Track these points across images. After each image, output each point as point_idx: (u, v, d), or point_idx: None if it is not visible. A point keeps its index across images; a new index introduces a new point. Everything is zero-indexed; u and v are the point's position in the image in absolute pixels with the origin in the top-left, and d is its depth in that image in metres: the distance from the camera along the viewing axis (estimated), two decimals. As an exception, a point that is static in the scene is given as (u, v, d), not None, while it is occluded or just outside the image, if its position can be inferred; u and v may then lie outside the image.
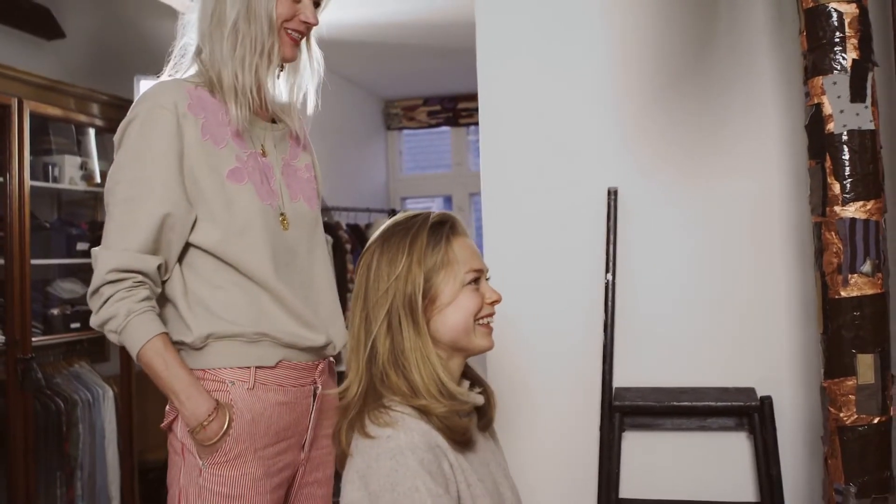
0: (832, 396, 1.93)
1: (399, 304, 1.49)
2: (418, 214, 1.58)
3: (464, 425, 1.50)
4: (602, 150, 2.61)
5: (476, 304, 1.54)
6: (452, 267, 1.52)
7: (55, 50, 4.33)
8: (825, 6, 1.91)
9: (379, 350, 1.50)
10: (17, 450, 3.59)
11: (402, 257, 1.50)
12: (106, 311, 1.66)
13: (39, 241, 3.84)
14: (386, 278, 1.51)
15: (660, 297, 2.55)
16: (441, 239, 1.53)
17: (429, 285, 1.51)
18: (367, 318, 1.52)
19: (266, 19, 1.74)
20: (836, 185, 1.91)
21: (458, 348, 1.56)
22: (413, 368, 1.48)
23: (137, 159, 1.70)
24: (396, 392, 1.48)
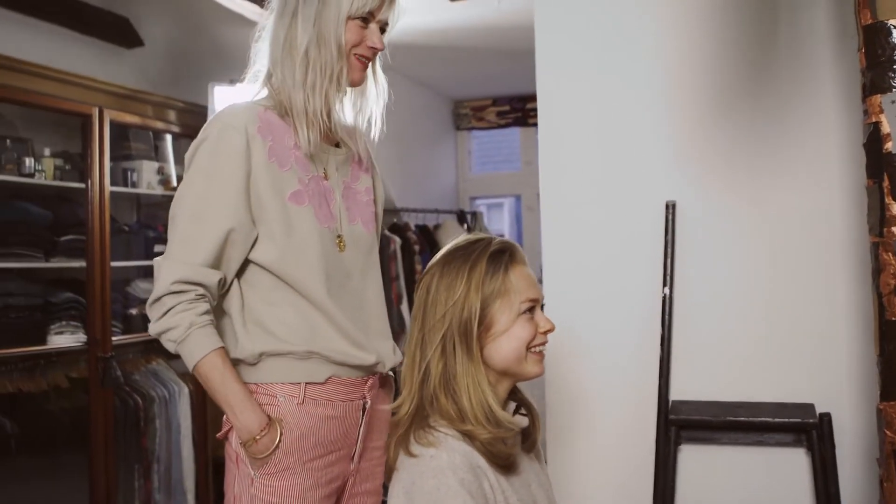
0: (888, 419, 1.90)
1: (455, 329, 1.53)
2: (480, 240, 1.61)
3: (507, 451, 1.54)
4: (660, 163, 2.61)
5: (530, 334, 1.57)
6: (509, 296, 1.55)
7: (134, 58, 4.49)
8: (884, 23, 1.88)
9: (432, 372, 1.54)
10: (98, 444, 3.75)
11: (461, 283, 1.54)
12: (167, 321, 1.72)
13: (120, 244, 3.99)
14: (444, 303, 1.54)
15: (717, 311, 2.54)
16: (500, 267, 1.56)
17: (485, 313, 1.54)
18: (423, 340, 1.57)
19: (335, 45, 1.79)
20: (893, 205, 1.88)
21: (509, 374, 1.60)
22: (463, 393, 1.52)
23: (207, 177, 1.77)
24: (444, 415, 1.52)
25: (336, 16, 1.78)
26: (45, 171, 3.71)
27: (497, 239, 1.61)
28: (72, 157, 3.88)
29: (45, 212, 3.74)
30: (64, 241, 3.79)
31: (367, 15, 1.81)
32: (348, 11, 1.78)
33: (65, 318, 3.76)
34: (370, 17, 1.82)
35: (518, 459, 1.61)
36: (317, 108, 1.81)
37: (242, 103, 1.87)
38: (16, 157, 3.61)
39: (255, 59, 1.93)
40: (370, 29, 1.83)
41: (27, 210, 3.68)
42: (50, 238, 3.75)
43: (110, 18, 4.32)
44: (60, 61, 3.83)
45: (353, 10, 1.78)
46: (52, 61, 3.74)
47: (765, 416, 2.38)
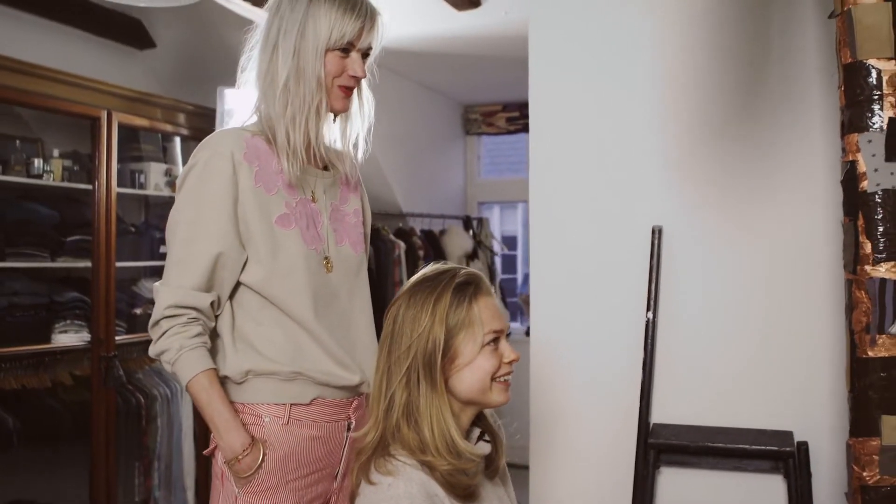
0: (857, 455, 1.93)
1: (419, 360, 1.56)
2: (446, 271, 1.63)
3: (466, 482, 1.57)
4: (648, 188, 2.63)
5: (494, 365, 1.60)
6: (473, 328, 1.58)
7: (146, 59, 4.55)
8: (863, 63, 1.90)
9: (396, 402, 1.58)
10: (100, 441, 3.81)
11: (426, 315, 1.57)
12: (162, 344, 1.79)
13: (126, 245, 4.05)
14: (409, 334, 1.57)
15: (700, 337, 2.57)
16: (465, 299, 1.58)
17: (449, 344, 1.57)
18: (389, 371, 1.60)
19: (314, 79, 1.82)
20: (867, 243, 1.90)
21: (473, 403, 1.63)
22: (425, 424, 1.55)
23: (196, 203, 1.82)
24: (405, 445, 1.56)
25: (314, 49, 1.81)
26: (54, 172, 3.77)
27: (463, 270, 1.64)
28: (81, 157, 3.94)
29: (52, 212, 3.81)
30: (70, 241, 3.86)
31: (347, 45, 1.83)
32: (326, 44, 1.81)
33: (69, 318, 3.83)
34: (350, 46, 1.84)
35: (480, 488, 1.64)
36: (297, 141, 1.84)
37: (230, 129, 1.92)
38: (25, 158, 3.68)
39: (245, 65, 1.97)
40: (351, 58, 1.85)
41: (35, 210, 3.75)
42: (56, 238, 3.82)
43: (123, 20, 4.38)
44: (73, 63, 3.90)
45: (331, 42, 1.81)
46: (66, 63, 3.80)
47: (743, 442, 2.41)
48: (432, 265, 1.68)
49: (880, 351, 1.88)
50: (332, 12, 1.80)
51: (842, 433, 2.40)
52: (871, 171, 1.89)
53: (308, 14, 1.81)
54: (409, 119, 5.53)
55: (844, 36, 1.93)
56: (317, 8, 1.81)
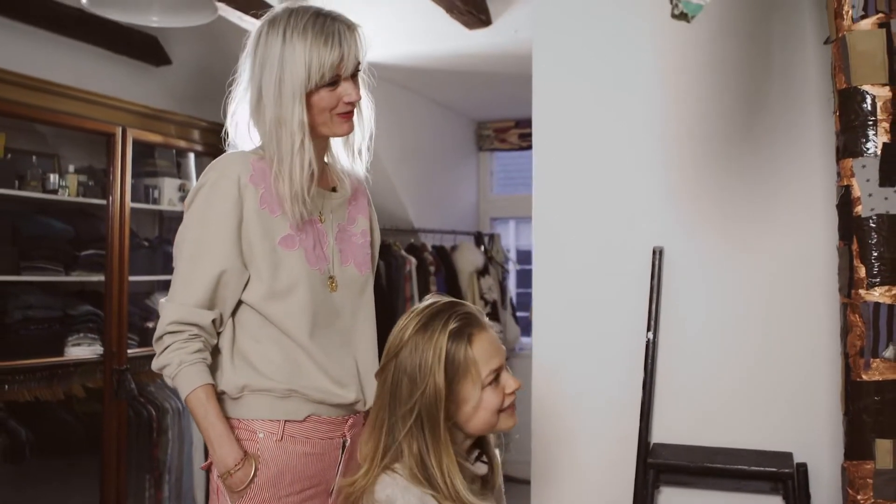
0: (851, 478, 1.94)
1: (423, 414, 1.57)
2: (438, 314, 1.63)
3: None
4: (649, 210, 2.66)
5: (498, 401, 1.62)
6: (472, 372, 1.59)
7: (162, 76, 4.62)
8: (858, 88, 1.92)
9: (405, 454, 1.59)
10: (111, 453, 3.86)
11: (427, 371, 1.58)
12: (164, 358, 1.84)
13: (140, 259, 4.10)
14: (409, 392, 1.59)
15: (700, 357, 2.58)
16: (462, 345, 1.59)
17: (453, 393, 1.59)
18: (393, 426, 1.61)
19: (296, 123, 1.83)
20: (861, 268, 1.91)
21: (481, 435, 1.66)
22: (437, 474, 1.56)
23: (202, 223, 1.87)
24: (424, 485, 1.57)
25: (292, 96, 1.81)
26: (69, 187, 3.84)
27: (458, 311, 1.64)
28: (96, 172, 4.00)
29: (66, 227, 3.87)
30: (84, 255, 3.91)
31: (332, 79, 1.84)
32: (306, 87, 1.82)
33: (83, 331, 3.88)
34: (336, 78, 1.85)
35: None
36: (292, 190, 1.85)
37: (237, 153, 1.95)
38: (41, 174, 3.75)
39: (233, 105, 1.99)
40: (342, 87, 1.86)
41: (50, 225, 3.81)
42: (71, 252, 3.87)
43: (140, 38, 4.45)
44: (90, 79, 3.97)
45: (311, 84, 1.82)
46: (82, 79, 3.87)
47: (743, 463, 2.41)
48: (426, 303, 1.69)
49: (874, 375, 1.89)
50: (305, 52, 1.80)
51: (840, 455, 2.40)
52: (866, 196, 1.91)
53: (283, 59, 1.81)
54: (421, 135, 5.57)
55: (839, 62, 1.95)
56: (291, 50, 1.80)
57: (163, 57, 4.59)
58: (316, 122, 1.88)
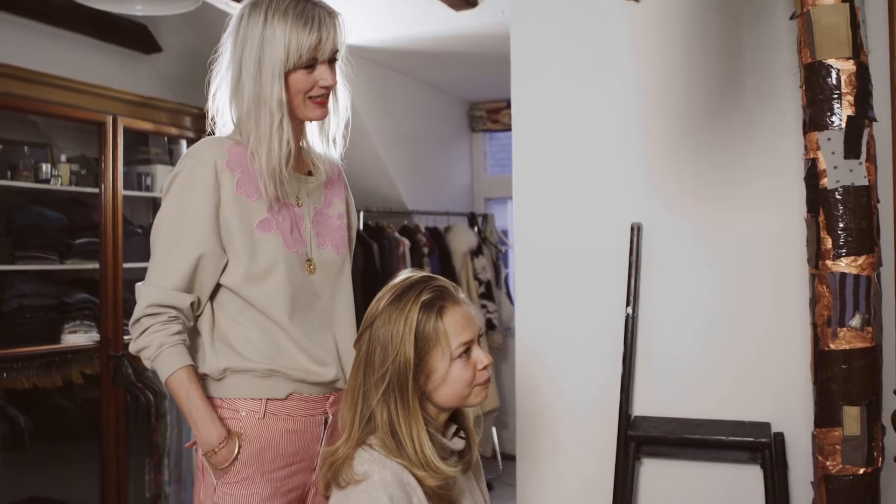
0: (821, 445, 1.98)
1: (394, 383, 1.62)
2: (412, 286, 1.67)
3: (450, 494, 1.64)
4: (628, 187, 2.69)
5: (469, 376, 1.66)
6: (442, 344, 1.63)
7: (152, 64, 4.64)
8: (823, 63, 1.95)
9: (378, 420, 1.63)
10: (110, 438, 3.92)
11: (398, 341, 1.62)
12: (143, 341, 1.87)
13: (134, 246, 4.13)
14: (381, 360, 1.63)
15: (680, 331, 2.62)
16: (432, 316, 1.63)
17: (422, 364, 1.63)
18: (366, 393, 1.65)
19: (275, 102, 1.87)
20: (828, 239, 1.95)
21: (453, 408, 1.70)
22: (407, 442, 1.61)
23: (179, 208, 1.90)
24: (393, 453, 1.61)
25: (271, 74, 1.85)
26: (61, 177, 3.88)
27: (431, 284, 1.67)
28: (88, 161, 4.05)
29: (60, 216, 3.91)
30: (78, 243, 3.96)
31: (309, 61, 1.87)
32: (284, 67, 1.85)
33: (79, 318, 3.93)
34: (313, 62, 1.88)
35: (457, 493, 1.70)
36: (273, 164, 1.89)
37: (214, 138, 1.98)
38: (33, 164, 3.79)
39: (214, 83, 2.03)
40: (318, 71, 1.90)
41: (43, 214, 3.85)
42: (65, 241, 3.92)
43: (130, 26, 4.48)
44: (81, 69, 3.99)
45: (289, 64, 1.85)
46: (73, 69, 3.90)
47: (721, 434, 2.46)
48: (402, 276, 1.73)
49: (841, 343, 1.93)
50: (285, 34, 1.83)
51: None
52: (831, 169, 1.94)
53: (264, 38, 1.84)
54: (413, 117, 5.59)
55: (805, 36, 1.97)
56: (272, 31, 1.83)
57: (152, 45, 4.61)
58: (291, 104, 1.91)
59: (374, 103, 5.07)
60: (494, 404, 5.22)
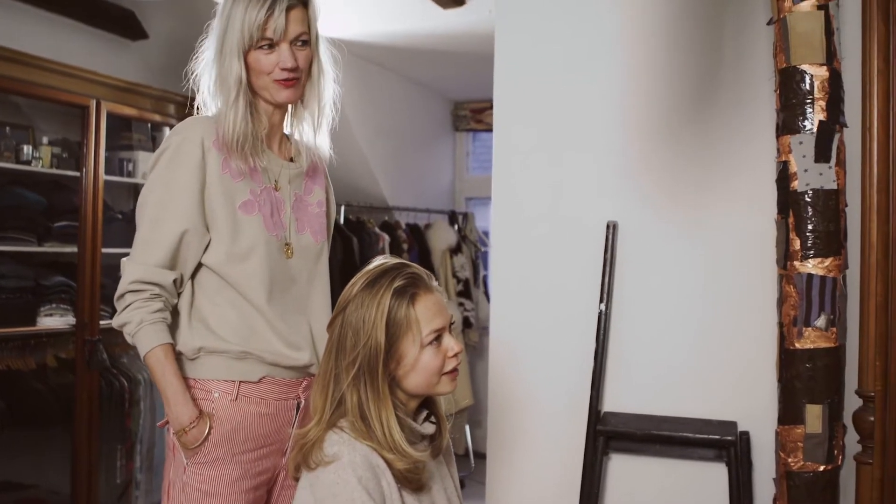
0: (783, 442, 2.02)
1: (364, 367, 1.64)
2: (385, 273, 1.69)
3: (419, 478, 1.66)
4: (604, 186, 2.72)
5: (438, 363, 1.68)
6: (413, 330, 1.65)
7: (139, 50, 4.64)
8: (797, 68, 1.99)
9: (348, 403, 1.66)
10: (82, 423, 3.90)
11: (369, 326, 1.64)
12: (125, 316, 1.89)
13: (114, 231, 4.12)
14: (353, 343, 1.65)
15: (652, 328, 2.66)
16: (404, 302, 1.65)
17: (393, 349, 1.65)
18: (337, 376, 1.67)
19: (233, 79, 1.89)
20: (796, 240, 1.99)
21: (422, 395, 1.72)
22: (376, 425, 1.63)
23: (165, 185, 1.92)
24: (362, 436, 1.64)
25: (230, 52, 1.88)
26: (43, 159, 3.87)
27: (405, 270, 1.70)
28: (70, 145, 4.04)
29: (40, 198, 3.90)
30: (57, 226, 3.95)
31: (263, 41, 1.88)
32: (241, 46, 1.87)
33: (55, 301, 3.91)
34: (268, 41, 1.89)
35: (426, 477, 1.73)
36: (235, 142, 1.91)
37: (201, 117, 2.00)
38: (14, 145, 3.78)
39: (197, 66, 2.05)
40: (278, 51, 1.90)
41: (23, 196, 3.84)
42: (44, 223, 3.91)
43: (116, 11, 4.47)
44: (66, 52, 3.98)
45: (245, 43, 1.87)
46: (58, 52, 3.89)
47: (688, 431, 2.50)
48: (376, 262, 1.75)
49: (806, 343, 1.97)
50: (243, 13, 1.86)
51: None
52: (802, 172, 1.98)
53: (228, 18, 1.88)
54: (397, 114, 5.61)
55: (780, 42, 2.02)
56: (234, 12, 1.87)
57: (139, 31, 4.61)
58: (256, 84, 1.93)
59: (358, 98, 5.09)
60: (468, 401, 5.24)
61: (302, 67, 1.96)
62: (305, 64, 1.97)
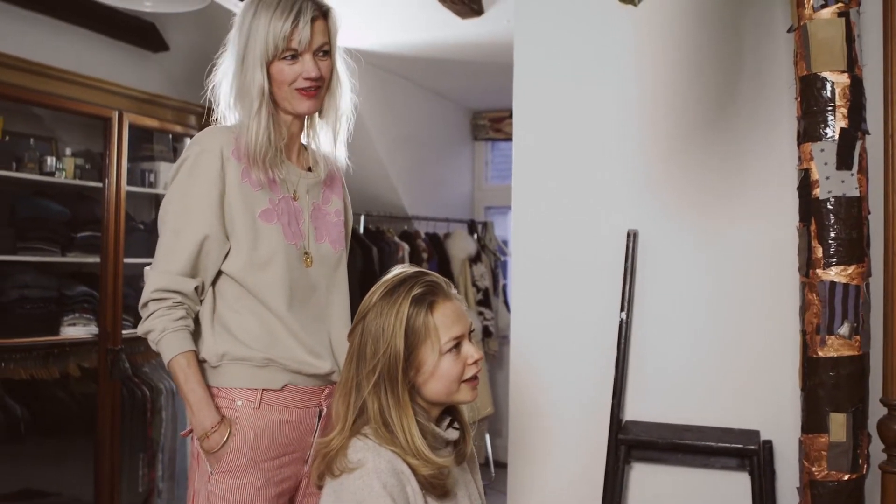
0: (807, 450, 2.01)
1: (385, 375, 1.65)
2: (404, 282, 1.71)
3: (443, 483, 1.67)
4: (625, 194, 2.73)
5: (457, 371, 1.69)
6: (432, 338, 1.66)
7: (159, 62, 4.68)
8: (818, 75, 1.98)
9: (370, 410, 1.66)
10: (105, 432, 3.94)
11: (389, 334, 1.65)
12: (149, 324, 1.91)
13: (136, 241, 4.17)
14: (373, 352, 1.66)
15: (673, 337, 2.65)
16: (422, 310, 1.66)
17: (412, 357, 1.66)
18: (359, 384, 1.69)
19: (255, 90, 1.91)
20: (819, 248, 1.98)
21: (443, 404, 1.73)
22: (398, 432, 1.64)
23: (184, 195, 1.94)
24: (386, 442, 1.64)
25: (253, 63, 1.89)
26: (66, 170, 3.92)
27: (423, 278, 1.71)
28: (93, 156, 4.08)
29: (63, 209, 3.95)
30: (80, 237, 4.00)
31: (288, 52, 1.90)
32: (265, 57, 1.89)
33: (78, 311, 3.96)
34: (293, 52, 1.91)
35: (451, 483, 1.73)
36: (258, 154, 1.93)
37: (220, 127, 2.02)
38: (38, 157, 3.83)
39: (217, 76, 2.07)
40: (301, 61, 1.93)
41: (46, 207, 3.89)
42: (67, 234, 3.96)
43: (138, 24, 4.52)
44: (88, 65, 4.03)
45: (269, 55, 1.89)
46: (81, 65, 3.94)
47: (710, 440, 2.49)
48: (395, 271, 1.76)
49: (829, 351, 1.95)
50: (267, 24, 1.88)
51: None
52: (824, 179, 1.97)
53: (250, 30, 1.90)
54: (416, 123, 5.63)
55: (801, 49, 2.01)
56: (257, 22, 1.89)
57: (160, 43, 4.65)
58: (277, 95, 1.95)
59: (377, 108, 5.11)
60: (489, 410, 5.24)
61: (324, 77, 1.98)
62: (327, 74, 1.99)
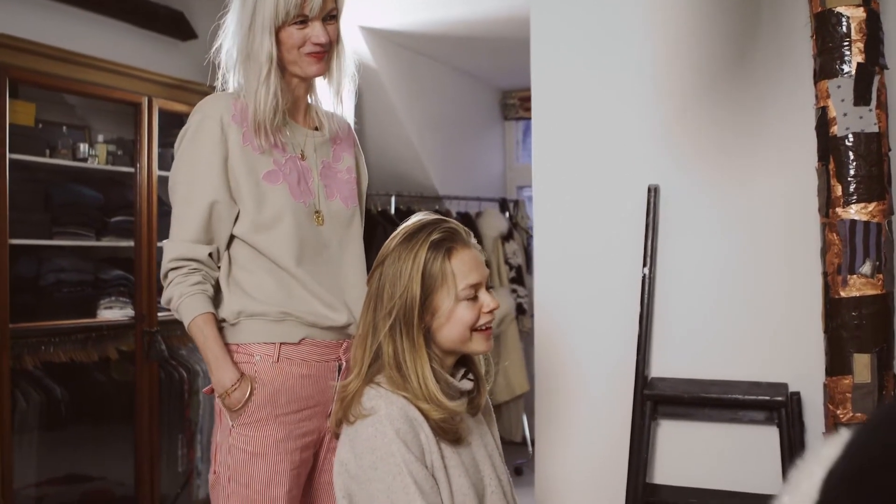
0: (832, 394, 1.97)
1: (401, 318, 1.67)
2: (424, 227, 1.72)
3: (455, 429, 1.68)
4: (645, 148, 2.70)
5: (472, 317, 1.69)
6: (448, 284, 1.67)
7: (188, 50, 4.74)
8: (833, 11, 1.95)
9: (384, 353, 1.69)
10: (143, 414, 4.00)
11: (406, 275, 1.67)
12: (168, 293, 1.97)
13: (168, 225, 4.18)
14: (390, 294, 1.68)
15: (697, 292, 2.62)
16: (440, 255, 1.67)
17: (428, 301, 1.67)
18: (375, 327, 1.71)
19: (264, 55, 1.92)
20: (838, 186, 1.94)
21: (457, 352, 1.73)
22: (412, 376, 1.66)
23: (190, 163, 1.98)
24: (399, 387, 1.66)
25: (262, 29, 1.91)
26: (98, 156, 3.99)
27: (442, 225, 1.72)
28: (125, 143, 4.15)
29: (96, 194, 4.02)
30: (114, 221, 4.06)
31: (299, 17, 1.92)
32: (274, 23, 1.91)
33: (114, 294, 4.03)
34: (304, 17, 1.93)
35: (464, 430, 1.74)
36: (261, 119, 1.95)
37: (220, 94, 2.06)
38: (71, 143, 3.90)
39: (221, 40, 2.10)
40: (311, 27, 1.95)
41: (80, 192, 3.96)
42: (101, 218, 4.02)
43: (167, 13, 4.58)
44: (119, 53, 4.10)
45: (278, 20, 1.91)
46: (111, 53, 4.01)
47: (737, 393, 2.45)
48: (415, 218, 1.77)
49: (851, 291, 1.92)
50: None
51: (832, 382, 2.43)
52: (841, 116, 1.94)
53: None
54: (445, 103, 5.63)
55: (815, -15, 1.98)
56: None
57: (189, 32, 4.71)
58: (286, 59, 1.97)
59: (406, 89, 5.12)
60: (524, 388, 5.22)
61: (332, 41, 2.00)
62: (335, 37, 2.02)
